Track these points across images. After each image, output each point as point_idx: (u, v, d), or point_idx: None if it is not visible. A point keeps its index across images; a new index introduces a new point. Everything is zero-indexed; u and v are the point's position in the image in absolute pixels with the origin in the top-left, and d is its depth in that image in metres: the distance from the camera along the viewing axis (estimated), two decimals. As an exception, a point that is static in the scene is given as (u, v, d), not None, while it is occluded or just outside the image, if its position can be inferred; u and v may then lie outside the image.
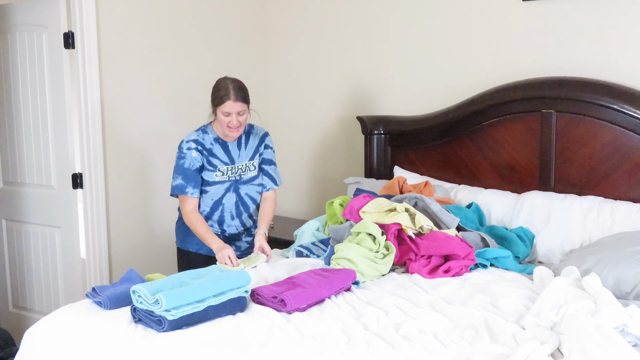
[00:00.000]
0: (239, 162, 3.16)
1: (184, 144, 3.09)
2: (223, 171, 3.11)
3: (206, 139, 3.11)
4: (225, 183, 3.13)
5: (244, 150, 3.18)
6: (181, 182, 3.05)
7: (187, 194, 3.05)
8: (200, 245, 3.18)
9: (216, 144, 3.12)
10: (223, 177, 3.12)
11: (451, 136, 3.70)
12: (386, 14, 4.03)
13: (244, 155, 3.18)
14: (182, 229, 3.23)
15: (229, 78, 3.07)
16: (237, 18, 4.44)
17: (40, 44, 3.76)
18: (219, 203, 3.15)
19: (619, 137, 3.17)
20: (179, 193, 3.07)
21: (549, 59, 3.45)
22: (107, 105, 3.75)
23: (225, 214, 3.17)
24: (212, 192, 3.12)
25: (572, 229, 3.09)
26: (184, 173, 3.06)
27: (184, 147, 3.08)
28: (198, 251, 3.19)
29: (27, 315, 4.07)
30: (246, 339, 2.12)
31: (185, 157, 3.06)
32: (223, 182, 3.13)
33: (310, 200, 4.49)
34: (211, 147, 3.10)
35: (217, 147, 3.12)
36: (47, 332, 2.35)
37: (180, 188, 3.06)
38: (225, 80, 3.06)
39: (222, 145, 3.13)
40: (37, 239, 3.97)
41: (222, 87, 3.02)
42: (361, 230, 2.87)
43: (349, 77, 4.24)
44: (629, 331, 2.05)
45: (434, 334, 2.16)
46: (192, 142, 3.08)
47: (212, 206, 3.15)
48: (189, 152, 3.06)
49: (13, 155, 4.02)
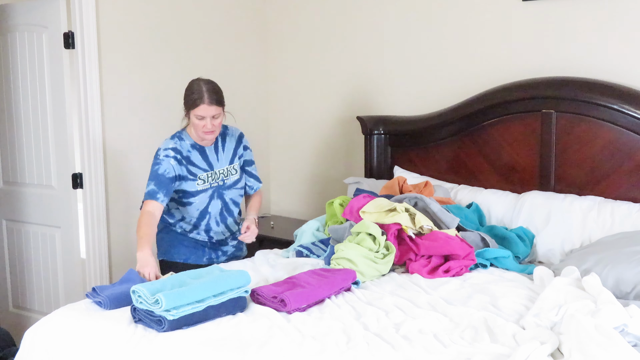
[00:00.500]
0: (217, 167, 3.07)
1: (161, 151, 2.97)
2: (204, 179, 3.03)
3: (183, 147, 3.00)
4: (208, 191, 3.05)
5: (222, 154, 3.10)
6: (153, 188, 2.91)
7: (157, 199, 2.89)
8: (187, 255, 3.10)
9: (194, 150, 3.02)
10: (204, 185, 3.03)
11: (451, 136, 3.70)
12: (386, 14, 4.03)
13: (223, 159, 3.10)
14: (165, 239, 3.12)
15: (203, 80, 2.96)
16: (237, 18, 4.44)
17: (40, 44, 3.77)
18: (205, 212, 3.07)
19: (619, 137, 3.16)
20: (149, 199, 2.90)
21: (549, 59, 3.45)
22: (107, 105, 3.75)
23: (211, 221, 3.09)
24: (197, 202, 3.03)
25: (572, 229, 3.09)
26: (157, 179, 2.92)
27: (160, 154, 2.96)
28: (186, 261, 3.09)
29: (27, 315, 4.07)
30: (246, 339, 2.12)
31: (160, 164, 2.94)
32: (206, 190, 3.04)
33: (310, 200, 4.49)
34: (189, 155, 3.01)
35: (194, 153, 3.02)
36: (47, 332, 2.35)
37: (152, 194, 2.90)
38: (198, 82, 2.95)
39: (199, 151, 3.03)
40: (37, 239, 3.97)
41: (195, 89, 2.91)
42: (361, 230, 2.87)
43: (349, 77, 4.24)
44: (629, 331, 2.05)
45: (434, 334, 2.16)
46: (171, 150, 2.96)
47: (199, 216, 3.07)
48: (166, 159, 2.94)
49: (13, 155, 4.02)
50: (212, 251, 3.15)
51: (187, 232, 3.11)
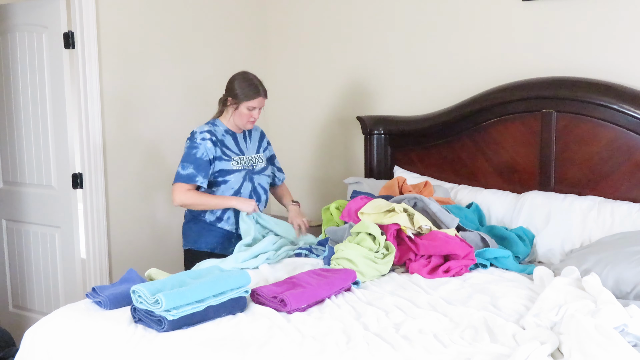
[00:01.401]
0: (248, 153, 3.23)
1: (197, 134, 3.09)
2: (237, 160, 3.16)
3: (218, 131, 3.15)
4: (242, 171, 3.18)
5: (250, 143, 3.27)
6: (192, 172, 3.04)
7: (196, 182, 3.04)
8: (214, 244, 3.18)
9: (227, 135, 3.17)
10: (239, 166, 3.16)
11: (451, 136, 3.70)
12: (386, 14, 4.03)
13: (251, 148, 3.27)
14: (193, 229, 3.22)
15: (251, 73, 3.17)
16: (237, 18, 4.44)
17: (40, 44, 3.76)
18: (238, 192, 3.17)
19: (619, 137, 3.17)
20: (187, 182, 3.03)
21: (549, 59, 3.45)
22: (107, 105, 3.75)
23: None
24: (233, 180, 3.14)
25: (572, 229, 3.09)
26: (196, 162, 3.05)
27: (197, 137, 3.08)
28: (212, 251, 3.17)
29: (27, 315, 4.07)
30: (246, 339, 2.12)
31: (198, 147, 3.06)
32: (240, 171, 3.16)
33: (310, 201, 4.49)
34: (223, 139, 3.15)
35: (228, 138, 3.17)
36: (47, 332, 2.35)
37: (191, 177, 3.03)
38: (249, 75, 3.15)
39: (232, 137, 3.19)
40: (37, 239, 3.97)
41: (254, 82, 3.11)
42: (361, 230, 2.87)
43: (349, 77, 4.24)
44: (629, 331, 2.04)
45: (434, 334, 2.16)
46: (207, 133, 3.10)
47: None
48: (203, 142, 3.07)
49: (13, 155, 4.02)
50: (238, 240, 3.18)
51: (217, 221, 3.18)
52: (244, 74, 3.16)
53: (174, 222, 4.00)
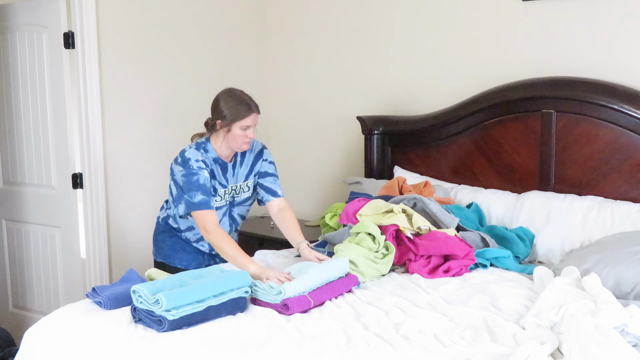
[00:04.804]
0: (232, 183, 2.98)
1: (192, 162, 2.82)
2: (221, 195, 2.96)
3: (207, 160, 2.89)
4: (223, 208, 2.99)
5: (239, 169, 2.99)
6: (203, 197, 2.78)
7: (212, 208, 2.79)
8: (188, 261, 3.05)
9: (216, 165, 2.92)
10: (221, 202, 2.97)
11: (451, 136, 3.69)
12: (386, 14, 4.03)
13: (239, 175, 3.00)
14: (167, 242, 3.07)
15: (238, 89, 2.89)
16: (237, 19, 4.44)
17: (40, 44, 3.76)
18: None
19: (619, 137, 3.17)
20: (205, 209, 2.77)
21: (549, 59, 3.45)
22: (107, 105, 3.76)
23: None
24: None
25: (572, 229, 3.09)
26: (202, 189, 2.79)
27: (193, 165, 2.82)
28: (187, 267, 3.04)
29: (27, 315, 4.07)
30: (246, 339, 2.12)
31: (198, 174, 2.80)
32: (221, 208, 2.98)
33: (310, 200, 4.49)
34: (213, 170, 2.91)
35: (216, 168, 2.93)
36: (47, 332, 2.35)
37: (205, 203, 2.77)
38: (236, 91, 2.87)
39: (221, 167, 2.94)
40: (37, 239, 3.97)
41: (243, 99, 2.83)
42: (360, 230, 2.87)
43: (349, 77, 4.24)
44: (629, 331, 2.04)
45: (434, 334, 2.16)
46: (202, 162, 2.84)
47: None
48: (200, 171, 2.82)
49: (13, 155, 4.02)
50: (211, 259, 3.13)
51: (191, 242, 3.08)
52: (230, 91, 2.86)
53: (174, 222, 4.00)
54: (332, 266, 2.58)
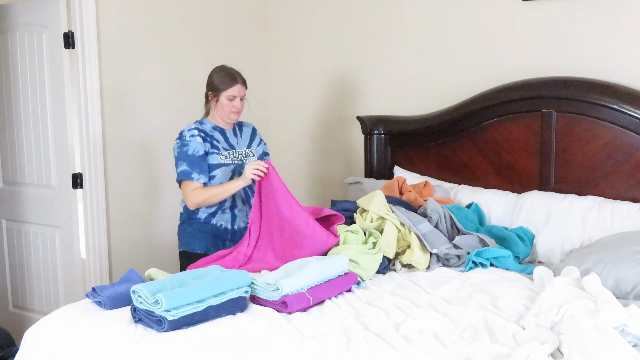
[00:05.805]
0: (238, 148, 3.24)
1: (185, 132, 3.13)
2: (225, 155, 3.17)
3: (206, 128, 3.18)
4: (230, 166, 3.18)
5: (240, 138, 3.28)
6: (186, 168, 3.07)
7: (192, 179, 3.06)
8: (208, 246, 3.18)
9: (215, 131, 3.19)
10: (227, 160, 3.17)
11: (451, 136, 3.70)
12: (386, 14, 4.03)
13: (241, 143, 3.27)
14: (187, 231, 3.23)
15: (228, 66, 3.20)
16: (237, 18, 4.44)
17: (40, 44, 3.76)
18: None
19: (619, 137, 3.17)
20: (183, 178, 3.08)
21: (549, 59, 3.45)
22: (107, 105, 3.75)
23: (237, 199, 3.21)
24: (220, 175, 3.14)
25: (572, 229, 3.09)
26: (188, 159, 3.08)
27: (186, 135, 3.12)
28: (207, 252, 3.17)
29: (27, 315, 4.07)
30: (246, 339, 2.12)
31: (188, 144, 3.09)
32: (228, 165, 3.17)
33: (310, 201, 4.49)
34: (212, 134, 3.17)
35: (216, 134, 3.19)
36: (47, 332, 2.35)
37: (186, 174, 3.07)
38: (226, 66, 3.18)
39: (221, 133, 3.21)
40: (37, 239, 3.97)
41: (228, 72, 3.15)
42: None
43: (349, 76, 4.24)
44: (629, 331, 2.04)
45: (434, 334, 2.16)
46: (195, 130, 3.13)
47: None
48: (192, 138, 3.10)
49: (13, 155, 4.02)
50: (232, 243, 3.19)
51: (211, 217, 3.18)
52: (221, 66, 3.21)
53: (174, 222, 3.99)
54: (331, 263, 2.59)
